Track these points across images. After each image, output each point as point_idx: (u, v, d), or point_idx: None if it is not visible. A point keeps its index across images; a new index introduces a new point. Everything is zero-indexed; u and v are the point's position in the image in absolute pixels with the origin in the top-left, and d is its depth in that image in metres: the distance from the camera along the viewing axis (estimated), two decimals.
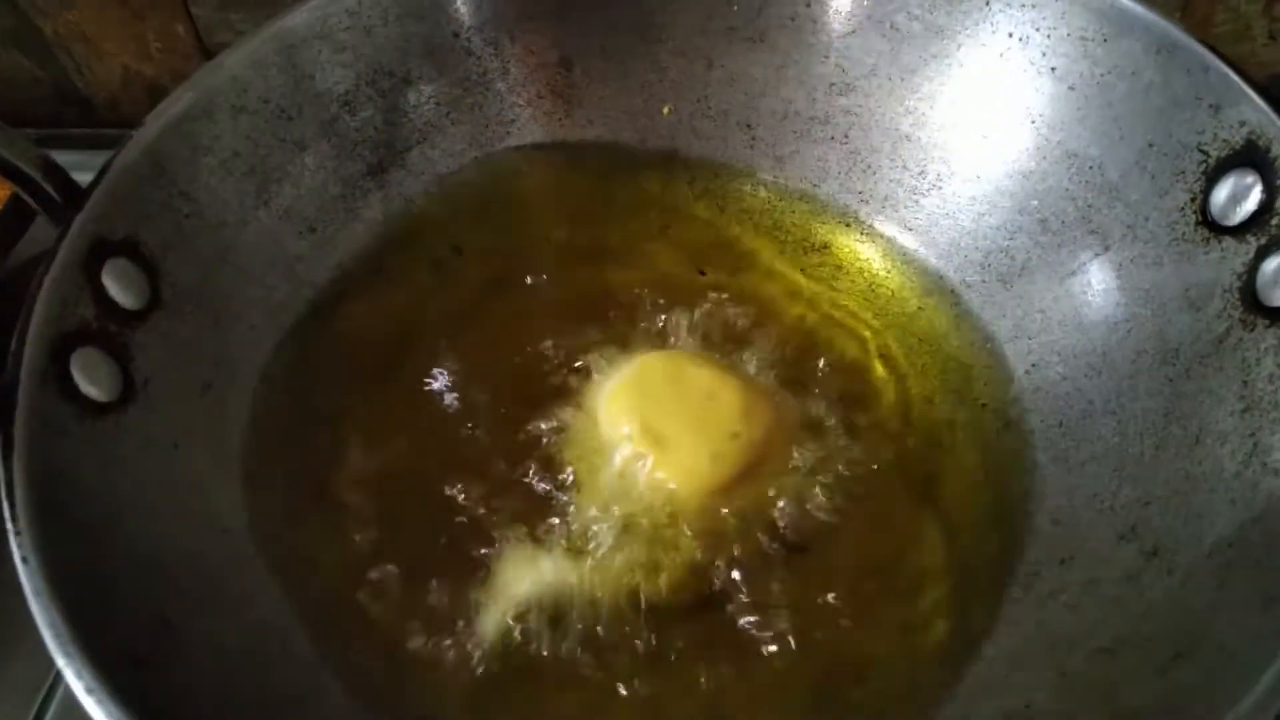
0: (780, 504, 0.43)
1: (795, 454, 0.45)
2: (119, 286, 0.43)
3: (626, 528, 0.42)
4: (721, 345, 0.50)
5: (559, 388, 0.48)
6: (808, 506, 0.43)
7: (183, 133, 0.47)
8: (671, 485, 0.43)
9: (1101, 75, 0.48)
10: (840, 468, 0.44)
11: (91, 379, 0.40)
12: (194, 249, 0.47)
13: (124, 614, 0.35)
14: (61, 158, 0.44)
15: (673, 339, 0.50)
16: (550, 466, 0.45)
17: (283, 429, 0.47)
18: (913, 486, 0.45)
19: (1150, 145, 0.46)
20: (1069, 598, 0.40)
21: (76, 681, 0.31)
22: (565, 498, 0.44)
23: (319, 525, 0.44)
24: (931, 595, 0.41)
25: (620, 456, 0.43)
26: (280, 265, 0.50)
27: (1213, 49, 0.44)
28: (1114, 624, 0.37)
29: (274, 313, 0.49)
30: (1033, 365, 0.49)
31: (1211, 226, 0.44)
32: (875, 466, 0.45)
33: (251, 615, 0.39)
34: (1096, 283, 0.48)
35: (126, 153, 0.45)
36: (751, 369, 0.49)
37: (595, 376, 0.47)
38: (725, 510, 0.43)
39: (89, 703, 0.30)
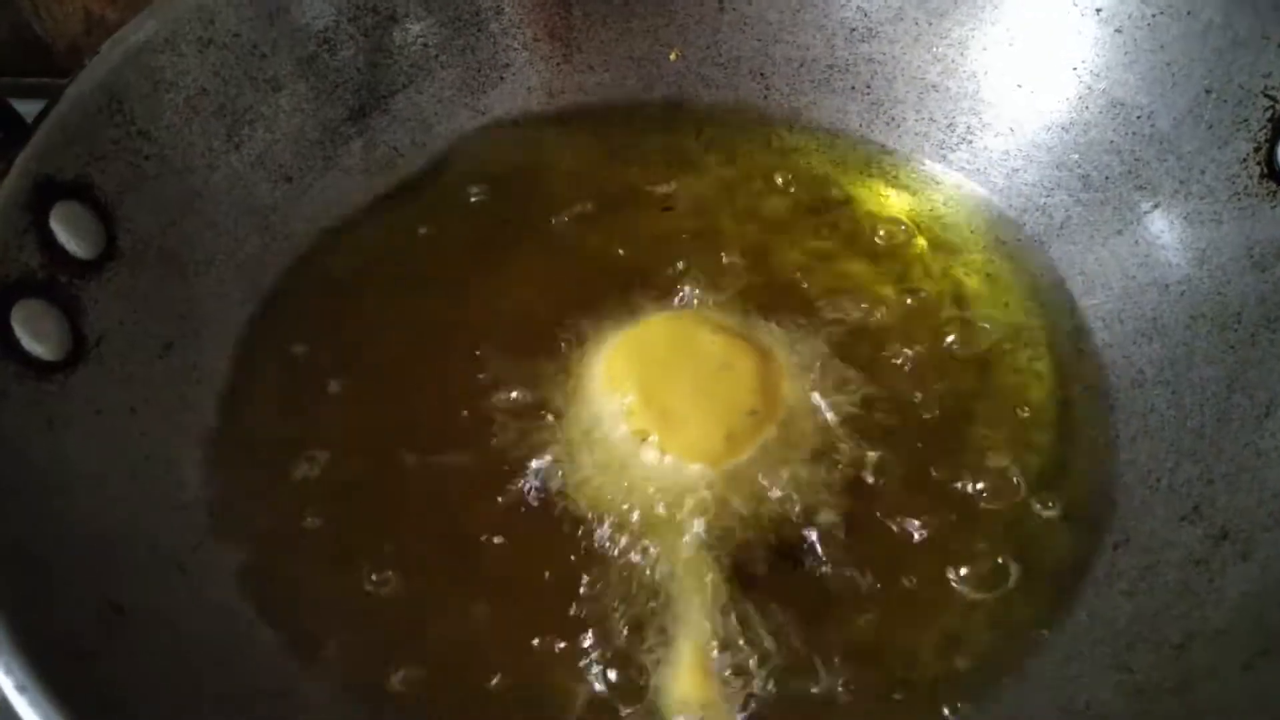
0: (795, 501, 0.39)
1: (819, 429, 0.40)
2: (69, 233, 0.38)
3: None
4: (733, 307, 0.45)
5: (556, 353, 0.43)
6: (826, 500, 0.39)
7: (142, 65, 0.42)
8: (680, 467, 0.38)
9: (1153, 16, 0.44)
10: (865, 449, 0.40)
11: (36, 334, 0.36)
12: (155, 194, 0.42)
13: (67, 599, 0.31)
14: (25, 108, 0.40)
15: (679, 301, 0.45)
16: (542, 442, 0.40)
17: (256, 395, 0.43)
18: (941, 454, 0.41)
19: (1208, 91, 0.42)
20: (1126, 584, 0.36)
21: (5, 678, 0.26)
22: (556, 472, 0.39)
23: (293, 502, 0.40)
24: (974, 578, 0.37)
25: (619, 433, 0.39)
26: (252, 215, 0.46)
27: None
28: (1182, 615, 0.34)
29: (244, 267, 0.45)
30: (1074, 329, 0.45)
31: (1278, 179, 0.40)
32: (907, 440, 0.41)
33: (212, 599, 0.35)
34: (1145, 242, 0.44)
35: (78, 84, 0.40)
36: (768, 333, 0.44)
37: (593, 342, 0.43)
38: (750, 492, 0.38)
39: (20, 703, 0.26)
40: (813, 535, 0.38)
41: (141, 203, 0.41)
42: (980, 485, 0.39)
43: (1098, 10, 0.46)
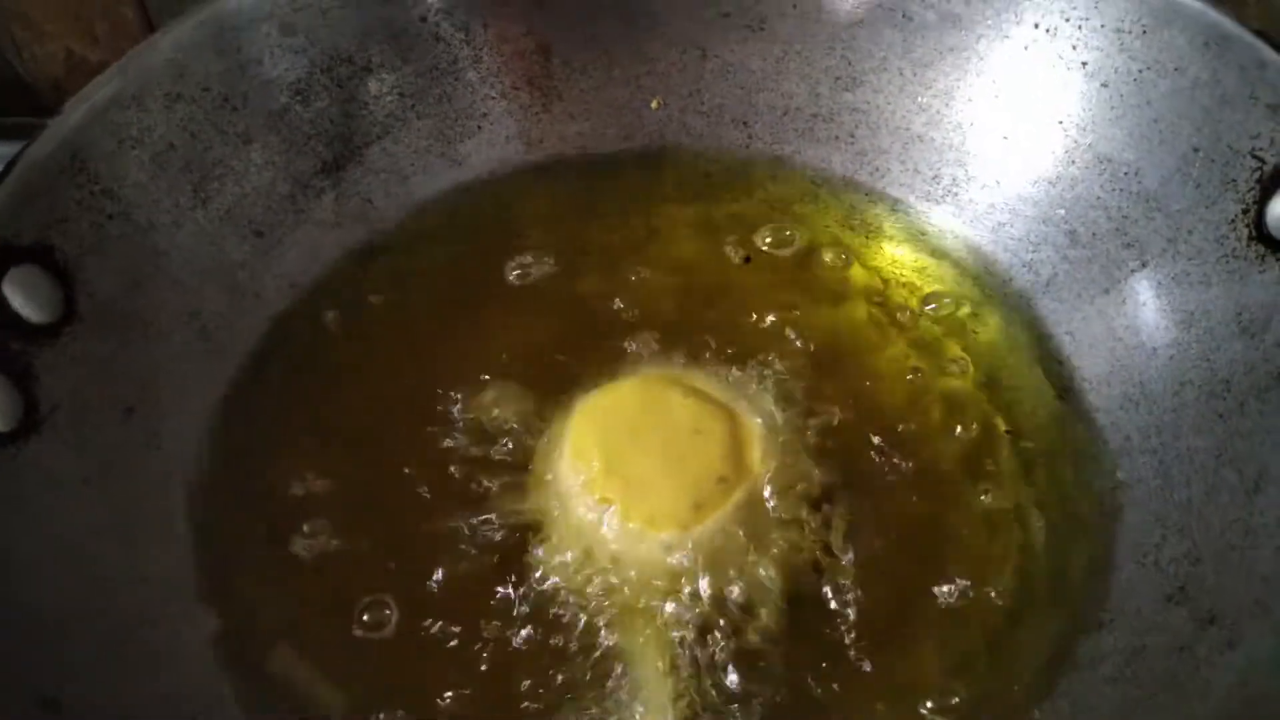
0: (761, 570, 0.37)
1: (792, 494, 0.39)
2: (23, 298, 0.37)
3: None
4: (713, 367, 0.44)
5: (530, 413, 0.42)
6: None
7: (108, 122, 0.42)
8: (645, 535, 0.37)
9: (1140, 71, 0.43)
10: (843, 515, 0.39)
11: None
12: (118, 254, 0.41)
13: None
14: (3, 149, 0.39)
15: (652, 361, 0.44)
16: (514, 509, 0.39)
17: (224, 461, 0.42)
18: (919, 527, 0.40)
19: (1195, 150, 0.41)
20: (1110, 669, 0.35)
21: None
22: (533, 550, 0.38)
23: (263, 574, 0.39)
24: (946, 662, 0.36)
25: (585, 501, 0.37)
26: (220, 273, 0.45)
27: (1271, 42, 0.39)
28: (1166, 707, 0.32)
29: (211, 327, 0.44)
30: (1063, 390, 0.44)
31: (1268, 242, 0.39)
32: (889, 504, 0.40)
33: (168, 686, 0.34)
34: (1132, 303, 0.43)
35: (38, 146, 0.39)
36: (747, 392, 0.43)
37: (565, 403, 0.41)
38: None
39: None
40: (780, 613, 0.36)
41: (103, 264, 0.40)
42: (955, 562, 0.38)
43: (1084, 64, 0.45)
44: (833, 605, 0.37)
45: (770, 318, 0.46)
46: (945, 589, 0.37)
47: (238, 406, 0.43)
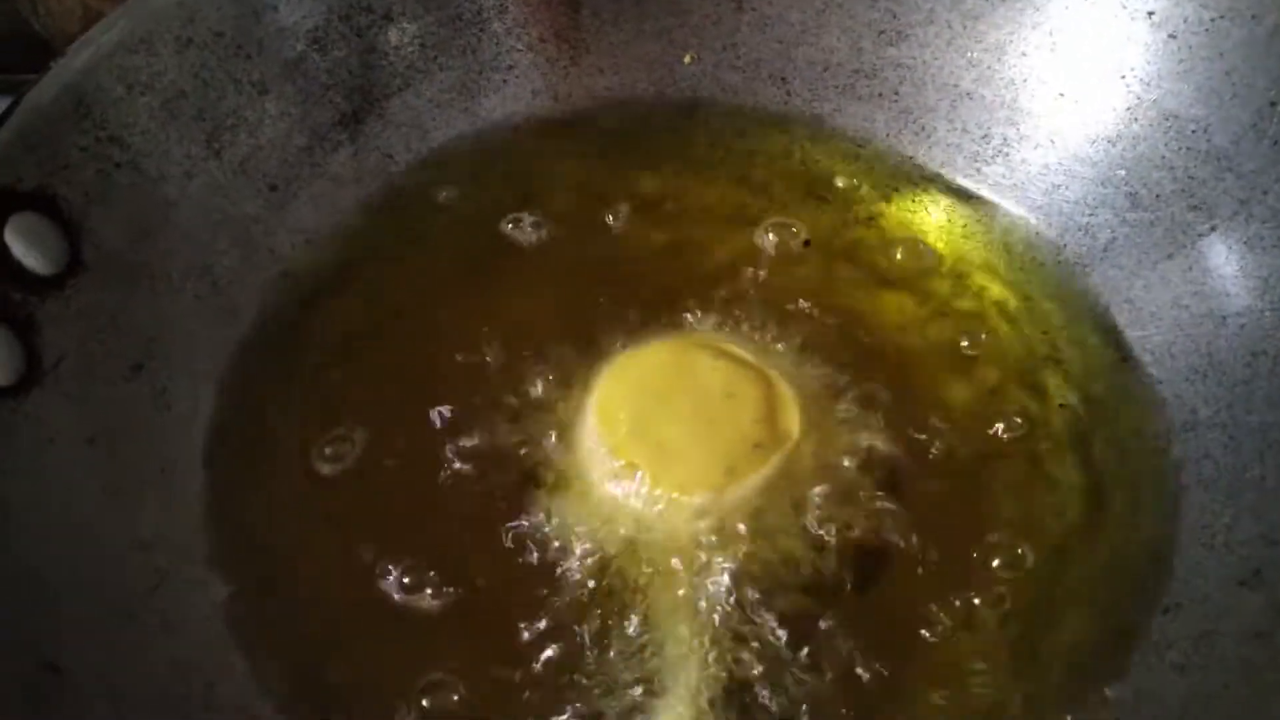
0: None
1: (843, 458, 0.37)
2: (26, 246, 0.36)
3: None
4: (748, 331, 0.42)
5: (553, 375, 0.40)
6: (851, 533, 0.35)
7: (115, 66, 0.40)
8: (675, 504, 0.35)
9: (1211, 20, 0.40)
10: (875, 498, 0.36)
11: None
12: (126, 204, 0.39)
13: None
14: None
15: (681, 326, 0.42)
16: (536, 483, 0.37)
17: (233, 420, 0.40)
18: (967, 503, 0.37)
19: (1273, 105, 0.39)
20: (1178, 655, 0.32)
21: None
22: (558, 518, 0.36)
23: (275, 538, 0.37)
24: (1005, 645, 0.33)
25: (611, 469, 0.35)
26: (232, 227, 0.43)
27: None
28: (1241, 700, 0.30)
29: (223, 283, 0.42)
30: (1119, 362, 0.41)
31: None
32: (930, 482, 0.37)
33: (162, 654, 0.32)
34: (1200, 269, 0.40)
35: (41, 89, 0.38)
36: (786, 359, 0.41)
37: (591, 366, 0.39)
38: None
39: None
40: (822, 592, 0.34)
41: (110, 214, 0.39)
42: (1009, 538, 0.36)
43: (1149, 13, 0.42)
44: (878, 582, 0.34)
45: (807, 287, 0.44)
46: (999, 567, 0.35)
47: (249, 364, 0.41)
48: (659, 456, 0.35)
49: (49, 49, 0.67)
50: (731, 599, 0.33)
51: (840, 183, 0.48)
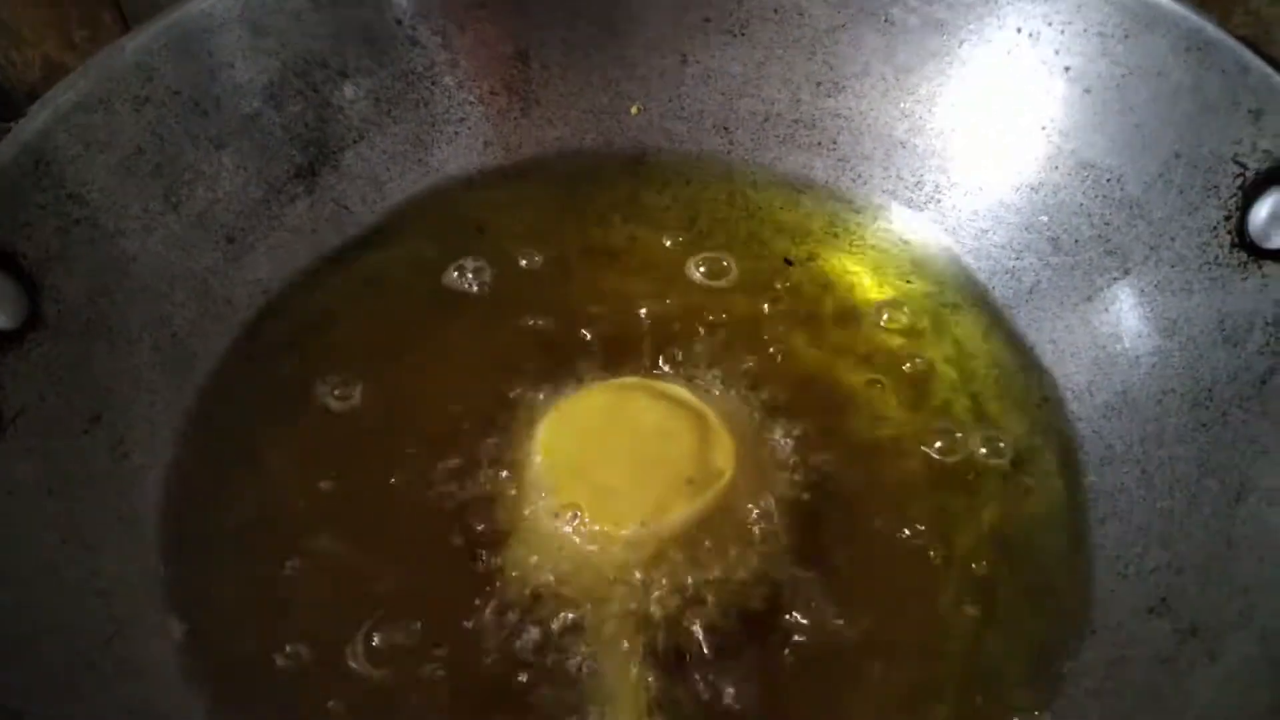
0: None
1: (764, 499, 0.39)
2: None
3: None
4: (685, 375, 0.43)
5: (500, 423, 0.41)
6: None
7: (73, 125, 0.41)
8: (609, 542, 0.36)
9: (1122, 76, 0.43)
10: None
11: None
12: (85, 260, 0.40)
13: None
14: None
15: (623, 368, 0.43)
16: (485, 519, 0.38)
17: (193, 470, 0.41)
18: (896, 534, 0.39)
19: (1177, 156, 0.41)
20: (1092, 682, 0.34)
21: None
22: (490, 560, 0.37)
23: (232, 584, 0.38)
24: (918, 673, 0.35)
25: (551, 510, 0.37)
26: (190, 280, 0.44)
27: (1253, 47, 0.39)
28: (1150, 719, 0.31)
29: (181, 334, 0.43)
30: (1043, 399, 0.43)
31: (1250, 249, 0.38)
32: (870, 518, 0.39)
33: (129, 699, 0.33)
34: (1115, 310, 0.43)
35: (2, 150, 0.38)
36: (725, 399, 0.42)
37: (536, 411, 0.41)
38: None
39: None
40: (749, 617, 0.36)
41: (70, 269, 0.40)
42: (930, 569, 0.37)
43: (1066, 69, 0.45)
44: (802, 615, 0.36)
45: (745, 327, 0.46)
46: (922, 600, 0.37)
47: (207, 414, 0.42)
48: (595, 495, 0.36)
49: (9, 99, 0.68)
50: (664, 626, 0.35)
51: (781, 228, 0.50)
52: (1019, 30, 0.46)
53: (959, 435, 0.42)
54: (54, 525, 0.36)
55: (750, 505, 0.37)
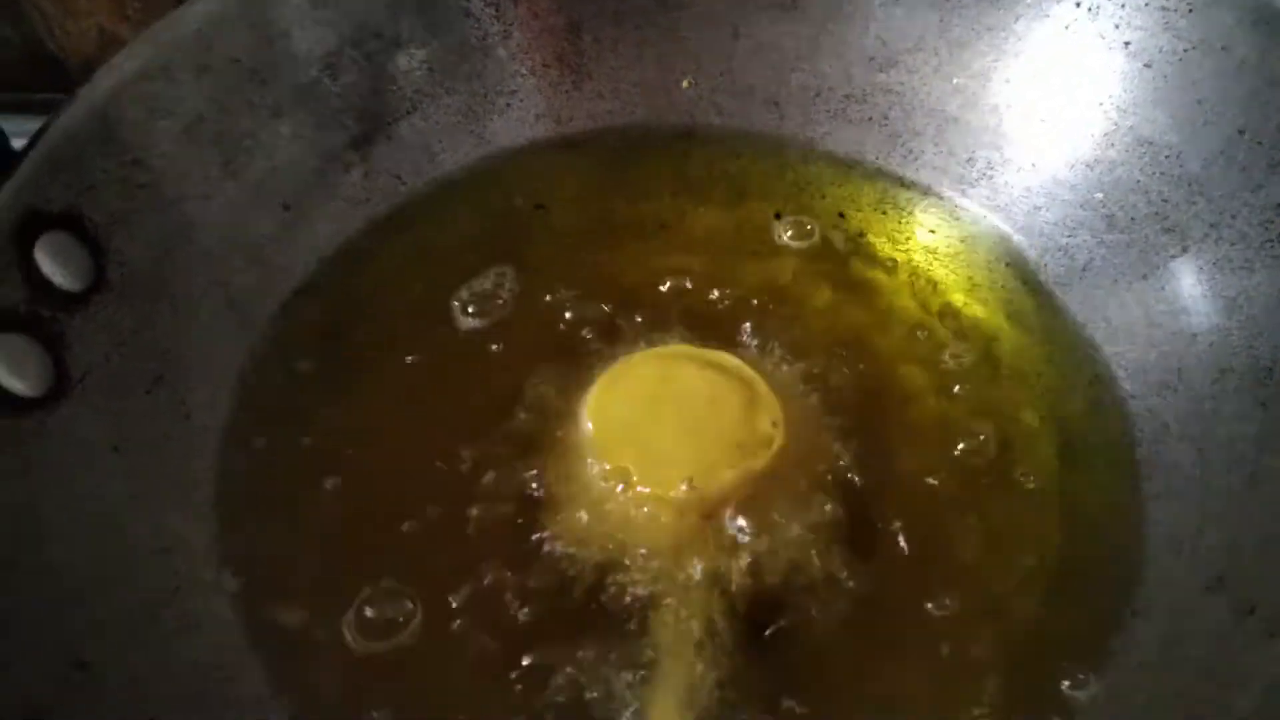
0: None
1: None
2: (56, 265, 0.37)
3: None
4: (735, 346, 0.43)
5: (550, 391, 0.42)
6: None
7: (137, 93, 0.41)
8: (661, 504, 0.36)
9: (1184, 51, 0.42)
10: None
11: (15, 370, 0.35)
12: (148, 224, 0.41)
13: (25, 656, 0.29)
14: (33, 125, 0.39)
15: (672, 337, 0.43)
16: (533, 484, 0.39)
17: (251, 430, 0.41)
18: (948, 508, 0.39)
19: (1241, 132, 0.40)
20: (1143, 657, 0.34)
21: None
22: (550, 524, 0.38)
23: (286, 543, 0.39)
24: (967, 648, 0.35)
25: (600, 474, 0.37)
26: (248, 246, 0.45)
27: None
28: (1202, 699, 0.31)
29: (239, 299, 0.44)
30: (1095, 377, 0.43)
31: None
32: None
33: (185, 653, 0.34)
34: (1172, 288, 0.42)
35: (69, 114, 0.39)
36: (773, 368, 0.42)
37: (584, 379, 0.41)
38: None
39: None
40: (803, 587, 0.36)
41: (133, 233, 0.40)
42: (983, 542, 0.37)
43: (1126, 44, 0.44)
44: (851, 584, 0.36)
45: (796, 302, 0.46)
46: (975, 572, 0.37)
47: (264, 377, 0.43)
48: (644, 459, 0.37)
49: (64, 69, 0.69)
50: (716, 589, 0.35)
51: (831, 204, 0.50)
52: (1078, 4, 0.45)
53: (1009, 414, 0.42)
54: (119, 481, 0.37)
55: (802, 474, 0.37)
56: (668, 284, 0.46)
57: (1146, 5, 0.43)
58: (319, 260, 0.46)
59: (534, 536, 0.38)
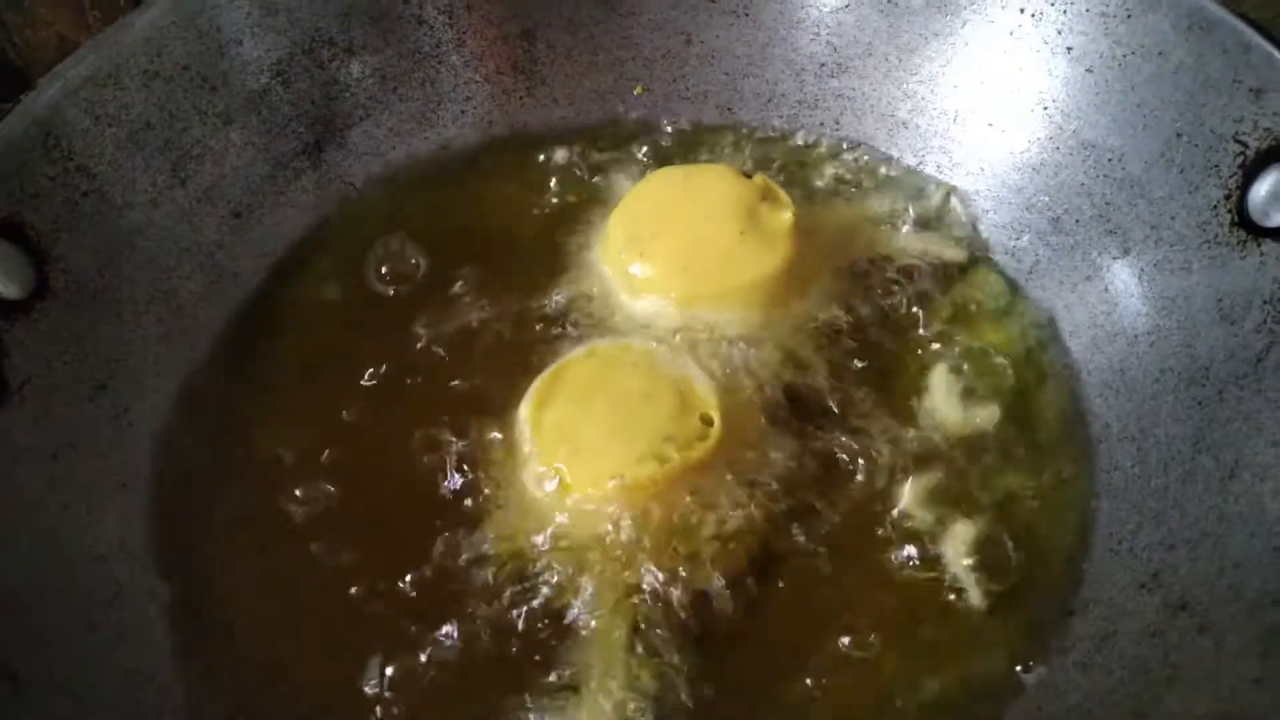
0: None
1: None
2: None
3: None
4: (691, 335, 0.43)
5: (504, 394, 0.42)
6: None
7: (83, 100, 0.41)
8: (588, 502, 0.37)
9: (1124, 56, 0.43)
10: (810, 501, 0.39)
11: None
12: (93, 231, 0.41)
13: None
14: None
15: (620, 331, 0.44)
16: (477, 485, 0.39)
17: (196, 441, 0.41)
18: (883, 506, 0.39)
19: (1179, 135, 0.41)
20: (1079, 655, 0.34)
21: None
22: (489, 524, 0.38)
23: (225, 551, 0.39)
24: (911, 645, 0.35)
25: (535, 474, 0.38)
26: (196, 253, 0.45)
27: (1256, 25, 0.39)
28: (1134, 694, 0.32)
29: (186, 306, 0.44)
30: (1042, 378, 0.43)
31: (1249, 228, 0.38)
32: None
33: (122, 662, 0.34)
34: (1114, 290, 0.43)
35: (10, 122, 0.39)
36: (705, 361, 0.42)
37: (526, 385, 0.41)
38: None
39: None
40: (727, 584, 0.36)
41: (77, 241, 0.40)
42: (924, 540, 0.38)
43: (1069, 49, 0.45)
44: (783, 582, 0.36)
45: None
46: (911, 572, 0.37)
47: (209, 384, 0.42)
48: (576, 456, 0.37)
49: (23, 77, 0.69)
50: (646, 584, 0.36)
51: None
52: (1022, 10, 0.46)
53: (959, 411, 0.42)
54: (57, 489, 0.37)
55: (742, 466, 0.38)
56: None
57: (1087, 11, 0.44)
58: (268, 267, 0.46)
59: (466, 536, 0.38)
